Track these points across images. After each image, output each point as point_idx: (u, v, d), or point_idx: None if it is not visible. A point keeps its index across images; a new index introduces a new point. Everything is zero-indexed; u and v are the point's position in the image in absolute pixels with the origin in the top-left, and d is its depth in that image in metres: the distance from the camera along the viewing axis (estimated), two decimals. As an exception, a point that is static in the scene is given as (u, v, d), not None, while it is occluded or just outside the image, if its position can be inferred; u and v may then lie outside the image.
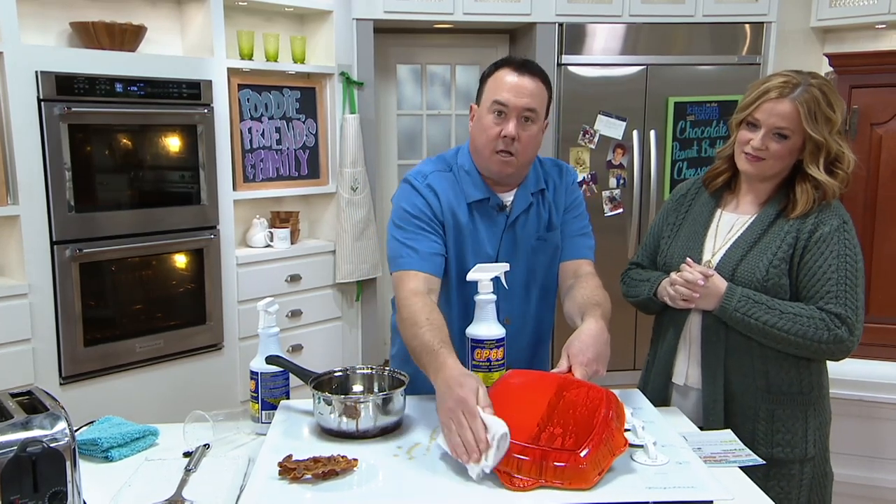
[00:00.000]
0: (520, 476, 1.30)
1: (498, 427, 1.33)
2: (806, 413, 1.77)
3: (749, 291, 1.71)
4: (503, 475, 1.31)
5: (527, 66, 1.73)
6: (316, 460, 1.38)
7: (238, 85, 3.63)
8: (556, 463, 1.30)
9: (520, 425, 1.37)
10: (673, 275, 1.80)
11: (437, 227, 1.77)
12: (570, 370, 1.57)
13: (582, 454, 1.31)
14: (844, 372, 2.08)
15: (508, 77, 1.71)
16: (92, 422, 1.71)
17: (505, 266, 1.78)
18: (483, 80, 1.80)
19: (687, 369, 1.85)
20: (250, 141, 3.72)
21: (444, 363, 1.48)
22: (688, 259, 1.79)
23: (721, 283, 1.71)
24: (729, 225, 1.82)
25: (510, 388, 1.52)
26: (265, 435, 1.56)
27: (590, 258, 1.91)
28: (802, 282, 1.71)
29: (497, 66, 1.77)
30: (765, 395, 1.76)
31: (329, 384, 1.68)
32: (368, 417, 1.52)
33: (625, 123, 4.30)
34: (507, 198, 1.82)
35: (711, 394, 1.78)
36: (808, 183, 1.71)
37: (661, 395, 1.89)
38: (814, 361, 1.77)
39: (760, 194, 1.80)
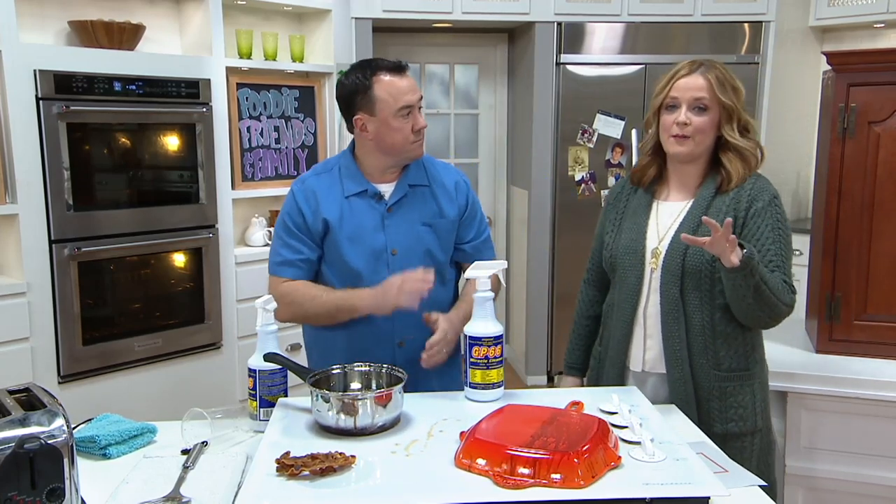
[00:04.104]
0: (512, 477, 1.30)
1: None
2: (752, 388, 1.84)
3: (751, 247, 1.70)
4: (497, 476, 1.31)
5: (399, 66, 1.90)
6: (314, 457, 1.38)
7: (237, 84, 3.63)
8: (552, 471, 1.30)
9: (514, 437, 1.38)
10: None
11: (306, 232, 1.96)
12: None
13: (580, 450, 1.31)
14: (843, 370, 2.08)
15: (398, 82, 1.88)
16: (90, 419, 1.71)
17: (503, 263, 1.82)
18: (360, 91, 1.89)
19: (643, 355, 1.89)
20: (249, 140, 3.72)
21: (360, 295, 1.87)
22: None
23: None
24: (668, 213, 1.88)
25: (505, 413, 1.55)
26: (263, 432, 1.56)
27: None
28: None
29: (369, 73, 1.88)
30: (716, 374, 1.82)
31: (327, 382, 1.68)
32: (366, 414, 1.52)
33: (623, 122, 4.30)
34: (387, 188, 1.97)
35: (679, 377, 1.82)
36: (731, 152, 1.81)
37: (617, 384, 1.93)
38: (755, 339, 1.86)
39: (691, 179, 1.87)
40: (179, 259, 3.39)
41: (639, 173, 1.95)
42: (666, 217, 1.87)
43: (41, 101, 2.88)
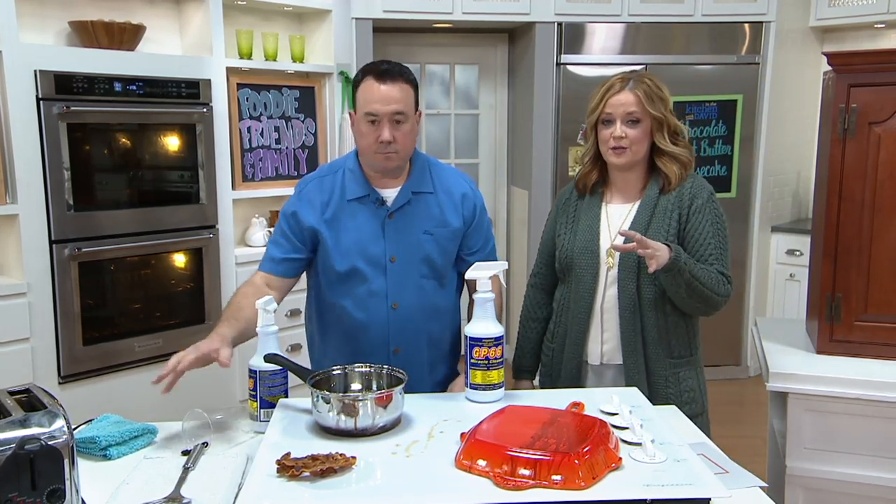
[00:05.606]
0: (513, 478, 1.30)
1: None
2: (696, 371, 2.02)
3: (679, 248, 1.87)
4: (497, 476, 1.31)
5: (388, 73, 1.85)
6: (314, 458, 1.38)
7: (237, 84, 3.63)
8: (552, 472, 1.30)
9: (515, 438, 1.38)
10: None
11: (297, 234, 1.97)
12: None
13: (580, 451, 1.31)
14: (844, 370, 2.08)
15: (374, 88, 1.85)
16: (90, 420, 1.71)
17: (503, 264, 1.83)
18: (354, 86, 1.91)
19: (601, 348, 1.99)
20: (249, 140, 3.72)
21: (214, 334, 1.90)
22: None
23: (661, 244, 1.83)
24: (617, 215, 2.01)
25: (506, 414, 1.55)
26: (264, 433, 1.56)
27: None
28: (686, 247, 1.93)
29: (362, 74, 1.89)
30: (668, 361, 1.96)
31: (328, 382, 1.68)
32: (367, 415, 1.52)
33: (624, 123, 4.29)
34: (390, 193, 1.95)
35: (633, 366, 1.94)
36: (665, 157, 1.97)
37: (574, 378, 2.01)
38: (696, 326, 2.02)
39: (633, 184, 2.02)
40: (180, 259, 3.39)
41: (583, 180, 2.08)
42: (616, 218, 2.01)
43: (41, 102, 2.88)
